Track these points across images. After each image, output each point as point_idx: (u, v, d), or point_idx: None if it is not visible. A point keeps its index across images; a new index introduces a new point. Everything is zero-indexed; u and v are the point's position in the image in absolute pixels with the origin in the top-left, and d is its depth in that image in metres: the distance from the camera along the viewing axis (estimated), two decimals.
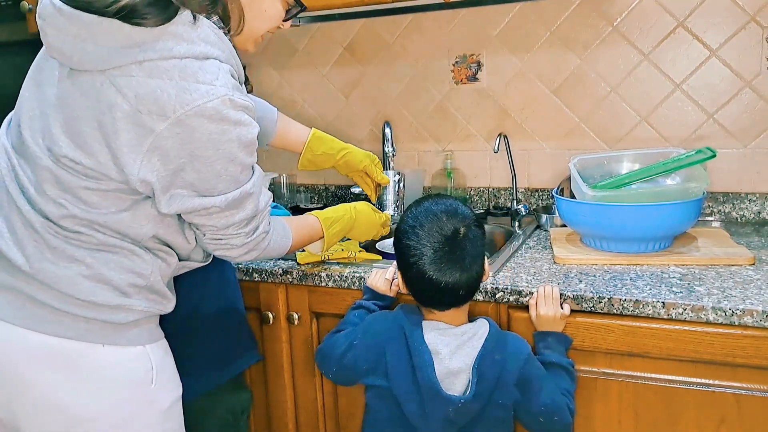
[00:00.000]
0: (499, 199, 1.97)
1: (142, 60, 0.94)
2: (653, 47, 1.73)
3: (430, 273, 1.10)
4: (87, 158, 0.98)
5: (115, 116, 0.95)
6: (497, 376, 1.11)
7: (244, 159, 1.03)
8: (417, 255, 1.11)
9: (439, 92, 1.99)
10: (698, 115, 1.72)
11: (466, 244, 1.11)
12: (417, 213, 1.15)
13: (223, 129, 0.97)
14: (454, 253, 1.10)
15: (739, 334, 1.11)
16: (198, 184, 1.01)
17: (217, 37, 1.01)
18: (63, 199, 1.01)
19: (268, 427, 1.58)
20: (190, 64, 0.95)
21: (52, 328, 1.03)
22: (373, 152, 1.71)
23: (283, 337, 1.50)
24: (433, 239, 1.11)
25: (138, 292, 1.07)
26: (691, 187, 1.39)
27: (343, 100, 2.13)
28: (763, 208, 1.68)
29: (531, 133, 1.90)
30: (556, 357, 1.18)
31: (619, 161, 1.58)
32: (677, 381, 1.16)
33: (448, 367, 1.11)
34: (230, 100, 0.97)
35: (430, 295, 1.14)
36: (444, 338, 1.13)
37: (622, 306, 1.17)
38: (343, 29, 2.06)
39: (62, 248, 1.02)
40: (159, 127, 0.94)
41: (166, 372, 1.14)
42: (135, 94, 0.94)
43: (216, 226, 1.08)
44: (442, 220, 1.12)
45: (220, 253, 1.14)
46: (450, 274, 1.10)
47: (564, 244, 1.49)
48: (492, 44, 1.90)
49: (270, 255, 1.22)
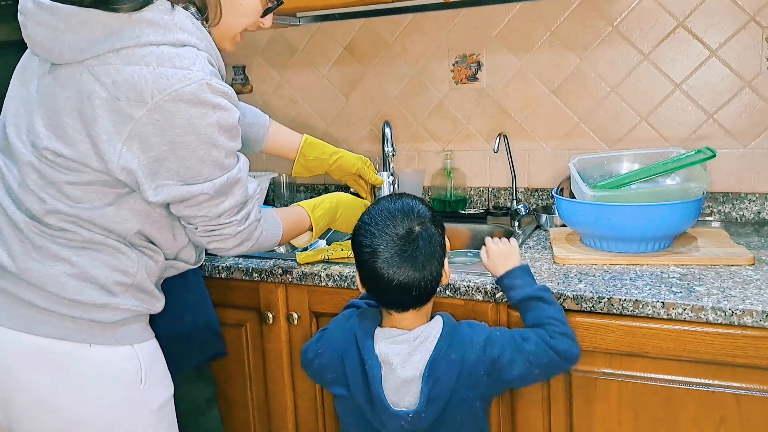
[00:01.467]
0: (498, 199, 1.97)
1: (119, 48, 0.95)
2: (653, 47, 1.73)
3: (383, 271, 1.08)
4: (67, 149, 0.97)
5: (93, 104, 0.95)
6: (457, 374, 1.09)
7: (227, 143, 1.02)
8: (369, 253, 1.09)
9: (438, 92, 1.99)
10: (698, 115, 1.72)
11: (419, 242, 1.09)
12: (373, 212, 1.13)
13: (202, 113, 0.97)
14: (406, 252, 1.08)
15: (739, 334, 1.11)
16: (183, 171, 1.00)
17: (194, 27, 1.01)
18: (46, 194, 1.01)
19: (268, 427, 1.58)
20: (167, 51, 0.96)
21: (40, 328, 1.03)
22: (373, 152, 1.72)
23: (283, 336, 1.50)
24: (387, 237, 1.09)
25: (125, 291, 1.07)
26: (690, 187, 1.39)
27: (343, 100, 2.13)
28: (762, 208, 1.68)
29: (531, 133, 1.90)
30: (526, 291, 1.17)
31: (618, 161, 1.58)
32: (677, 381, 1.16)
33: (401, 377, 1.09)
34: (208, 84, 0.97)
35: (384, 295, 1.12)
36: (395, 346, 1.10)
37: (621, 306, 1.17)
38: (343, 29, 2.06)
39: (47, 247, 1.02)
40: (137, 114, 0.94)
41: (156, 372, 1.13)
42: (113, 81, 0.94)
43: (207, 216, 1.06)
44: (396, 219, 1.10)
45: (213, 246, 1.13)
46: (402, 272, 1.07)
47: (564, 244, 1.49)
48: (492, 44, 1.90)
49: (263, 245, 1.20)
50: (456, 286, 1.30)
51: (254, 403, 1.58)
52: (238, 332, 1.56)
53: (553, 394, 1.26)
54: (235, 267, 1.50)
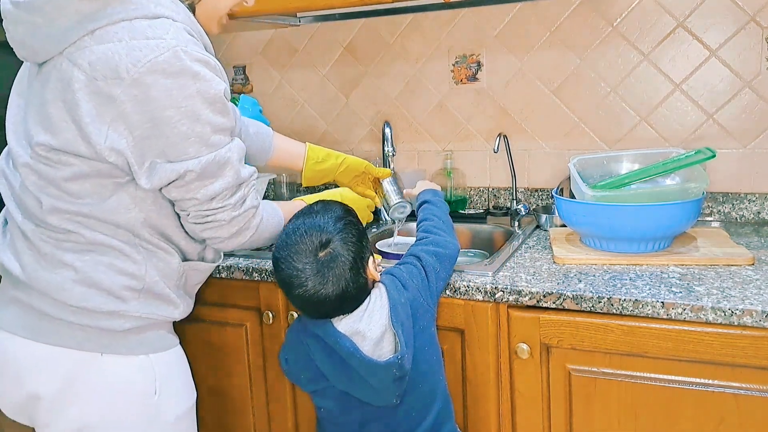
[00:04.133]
0: (498, 199, 1.97)
1: (93, 29, 0.94)
2: (653, 47, 1.73)
3: (299, 291, 1.07)
4: (55, 139, 0.97)
5: (73, 88, 0.94)
6: (410, 308, 1.16)
7: (212, 118, 0.98)
8: (285, 279, 1.08)
9: (438, 92, 1.99)
10: (698, 116, 1.72)
11: (328, 269, 1.06)
12: (283, 236, 1.11)
13: (181, 84, 0.94)
14: (318, 276, 1.06)
15: (739, 334, 1.11)
16: (168, 150, 0.97)
17: (170, 1, 0.99)
18: (44, 193, 1.00)
19: (268, 427, 1.58)
20: (138, 24, 0.94)
21: (51, 337, 1.03)
22: (373, 152, 1.72)
23: (283, 336, 1.50)
24: (295, 267, 1.07)
25: (136, 297, 1.04)
26: (690, 188, 1.39)
27: (343, 100, 2.13)
28: (762, 208, 1.69)
29: (531, 133, 1.91)
30: (422, 197, 1.41)
31: (618, 161, 1.58)
32: (676, 381, 1.16)
33: (373, 338, 1.11)
34: (183, 51, 0.94)
35: (313, 310, 1.11)
36: (354, 320, 1.11)
37: (621, 306, 1.17)
38: (343, 29, 2.07)
39: (52, 254, 1.02)
40: (116, 92, 0.92)
41: (173, 382, 1.11)
42: (89, 62, 0.93)
43: (197, 198, 1.02)
44: (301, 247, 1.07)
45: (208, 235, 1.08)
46: (318, 295, 1.07)
47: (563, 244, 1.49)
48: (492, 44, 1.90)
49: (263, 236, 1.15)
50: (456, 286, 1.30)
51: (254, 403, 1.58)
52: (238, 332, 1.56)
53: (553, 394, 1.26)
54: (235, 267, 1.50)
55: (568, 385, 1.24)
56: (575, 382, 1.23)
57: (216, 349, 1.57)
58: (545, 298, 1.22)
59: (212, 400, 1.60)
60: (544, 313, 1.24)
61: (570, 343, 1.22)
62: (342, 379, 1.13)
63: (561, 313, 1.23)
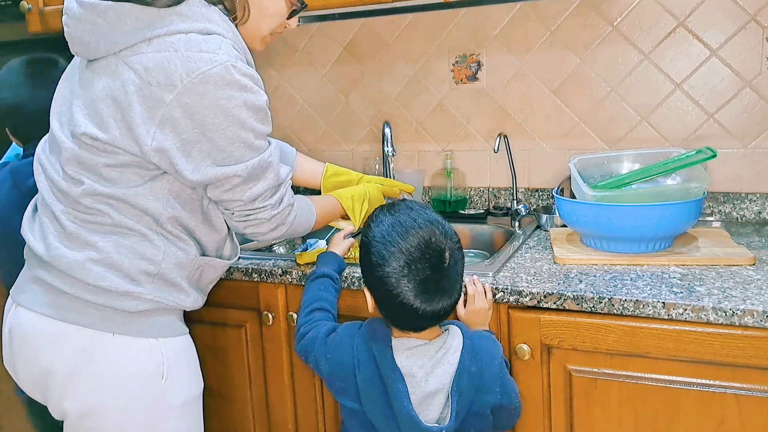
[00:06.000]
0: (499, 199, 1.97)
1: (151, 37, 1.01)
2: (653, 47, 1.73)
3: (416, 305, 1.01)
4: (104, 134, 1.03)
5: (127, 90, 1.01)
6: (476, 387, 1.07)
7: (256, 125, 1.07)
8: (395, 285, 1.02)
9: (438, 92, 1.99)
10: (698, 115, 1.72)
11: (450, 271, 1.04)
12: (392, 233, 1.03)
13: (230, 95, 1.02)
14: (441, 283, 1.03)
15: (740, 334, 1.10)
16: (215, 153, 1.05)
17: (222, 20, 1.08)
18: (84, 176, 1.07)
19: (268, 428, 1.58)
20: (194, 37, 1.02)
21: (67, 315, 1.09)
22: (373, 152, 1.71)
23: (283, 337, 1.50)
24: (418, 270, 1.01)
25: (150, 281, 1.10)
26: (691, 187, 1.39)
27: (343, 100, 2.12)
28: (763, 208, 1.68)
29: (531, 133, 1.90)
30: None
31: (619, 161, 1.57)
32: (677, 381, 1.16)
33: (425, 390, 1.05)
34: (233, 66, 1.02)
35: (410, 323, 1.06)
36: (417, 359, 1.05)
37: (622, 306, 1.17)
38: (342, 29, 2.06)
39: (77, 233, 1.08)
40: (168, 98, 1.00)
41: (181, 369, 1.15)
42: (144, 67, 1.00)
43: (242, 200, 1.11)
44: (420, 244, 1.02)
45: (250, 231, 1.18)
46: (436, 302, 1.03)
47: (564, 244, 1.49)
48: (492, 44, 1.90)
49: (297, 230, 1.25)
50: None
51: (254, 404, 1.58)
52: (238, 332, 1.55)
53: (553, 394, 1.26)
54: (235, 267, 1.50)
55: (569, 385, 1.24)
56: (576, 382, 1.23)
57: (216, 350, 1.57)
58: (546, 299, 1.22)
59: (212, 401, 1.60)
60: (545, 313, 1.23)
61: (571, 343, 1.22)
62: (376, 414, 1.07)
63: (562, 313, 1.22)
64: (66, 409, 1.11)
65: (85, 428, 1.11)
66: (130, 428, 1.11)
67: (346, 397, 1.12)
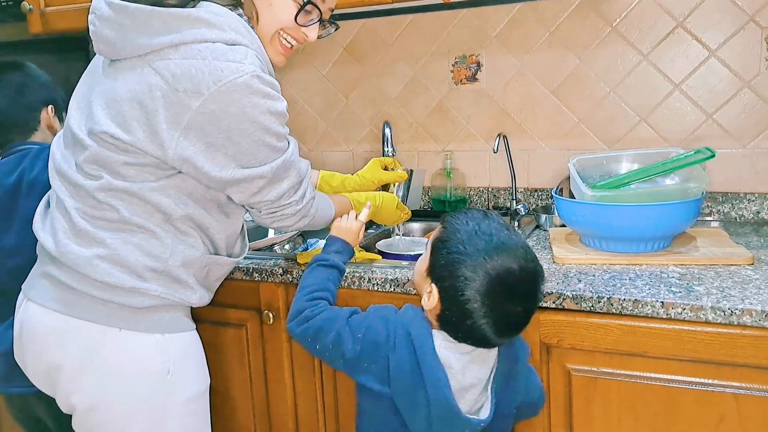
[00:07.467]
0: (498, 199, 1.97)
1: (178, 44, 1.03)
2: (652, 47, 1.73)
3: (490, 337, 1.00)
4: (126, 134, 1.05)
5: (154, 95, 1.03)
6: (505, 388, 1.08)
7: (278, 129, 1.10)
8: (479, 317, 0.99)
9: (438, 92, 1.99)
10: (697, 116, 1.72)
11: (533, 307, 1.02)
12: (486, 261, 0.98)
13: (255, 102, 1.04)
14: (523, 317, 1.02)
15: (738, 333, 1.11)
16: (239, 156, 1.07)
17: (245, 30, 1.10)
18: (100, 173, 1.08)
19: (269, 427, 1.58)
20: (221, 47, 1.04)
21: (74, 310, 1.10)
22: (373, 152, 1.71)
23: (284, 336, 1.50)
24: (506, 305, 0.99)
25: (156, 278, 1.11)
26: (690, 187, 1.39)
27: (343, 100, 2.13)
28: (761, 208, 1.69)
29: (530, 133, 1.91)
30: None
31: (618, 161, 1.58)
32: (676, 380, 1.17)
33: (461, 383, 1.03)
34: (258, 76, 1.04)
35: (470, 341, 1.03)
36: (455, 353, 1.04)
37: (621, 306, 1.17)
38: (343, 30, 2.05)
39: (86, 230, 1.09)
40: (194, 104, 1.02)
41: (187, 365, 1.17)
42: (172, 74, 1.02)
43: (269, 199, 1.15)
44: (518, 280, 0.98)
45: (277, 225, 1.24)
46: (511, 337, 1.04)
47: (563, 243, 1.50)
48: (491, 45, 1.90)
49: (317, 222, 1.29)
50: None
51: (254, 403, 1.58)
52: (238, 332, 1.56)
53: (552, 393, 1.26)
54: (236, 267, 1.50)
55: (568, 384, 1.25)
56: (575, 381, 1.24)
57: (217, 349, 1.57)
58: (545, 298, 1.23)
59: (213, 400, 1.60)
60: (544, 312, 1.24)
61: (570, 342, 1.22)
62: (403, 398, 1.05)
63: (561, 313, 1.23)
64: (73, 403, 1.12)
65: (92, 422, 1.13)
66: (136, 423, 1.12)
67: (373, 378, 1.08)
